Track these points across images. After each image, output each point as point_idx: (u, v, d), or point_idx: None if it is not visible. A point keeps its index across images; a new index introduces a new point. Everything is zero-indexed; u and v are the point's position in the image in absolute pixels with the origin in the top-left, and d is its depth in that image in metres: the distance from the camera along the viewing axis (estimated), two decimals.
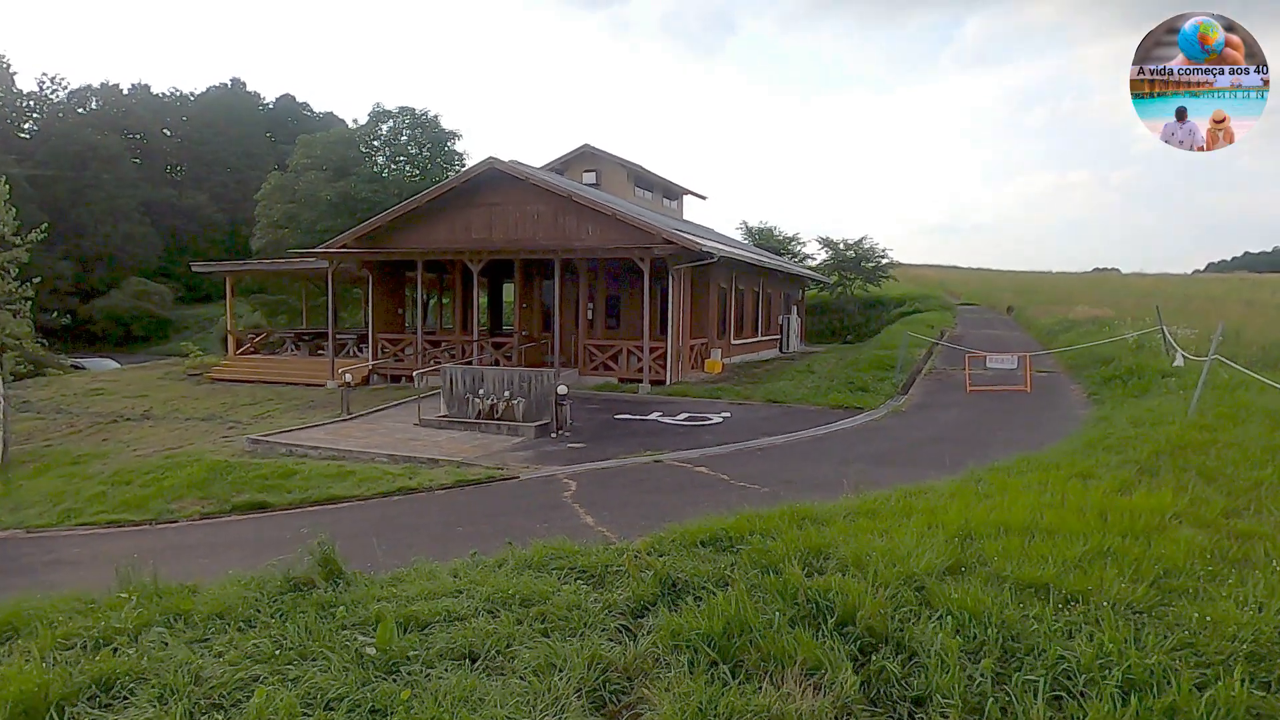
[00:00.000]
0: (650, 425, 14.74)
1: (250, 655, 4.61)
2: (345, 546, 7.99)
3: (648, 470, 10.92)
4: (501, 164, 20.36)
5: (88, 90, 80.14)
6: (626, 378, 19.71)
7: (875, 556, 5.57)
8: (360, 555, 7.45)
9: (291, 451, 12.84)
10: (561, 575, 5.86)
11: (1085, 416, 14.34)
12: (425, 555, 7.01)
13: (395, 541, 7.92)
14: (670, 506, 8.63)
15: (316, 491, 10.48)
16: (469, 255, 19.78)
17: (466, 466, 11.50)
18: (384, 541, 8.01)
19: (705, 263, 19.61)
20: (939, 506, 7.23)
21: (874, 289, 41.93)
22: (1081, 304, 28.52)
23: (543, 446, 13.01)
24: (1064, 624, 4.54)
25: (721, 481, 9.91)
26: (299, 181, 35.49)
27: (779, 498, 8.67)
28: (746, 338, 26.88)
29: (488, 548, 7.02)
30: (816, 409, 16.16)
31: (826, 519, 6.92)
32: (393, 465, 11.85)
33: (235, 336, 25.25)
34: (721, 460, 11.42)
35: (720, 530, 6.44)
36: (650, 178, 26.45)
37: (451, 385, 15.07)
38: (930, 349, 25.49)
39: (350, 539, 8.32)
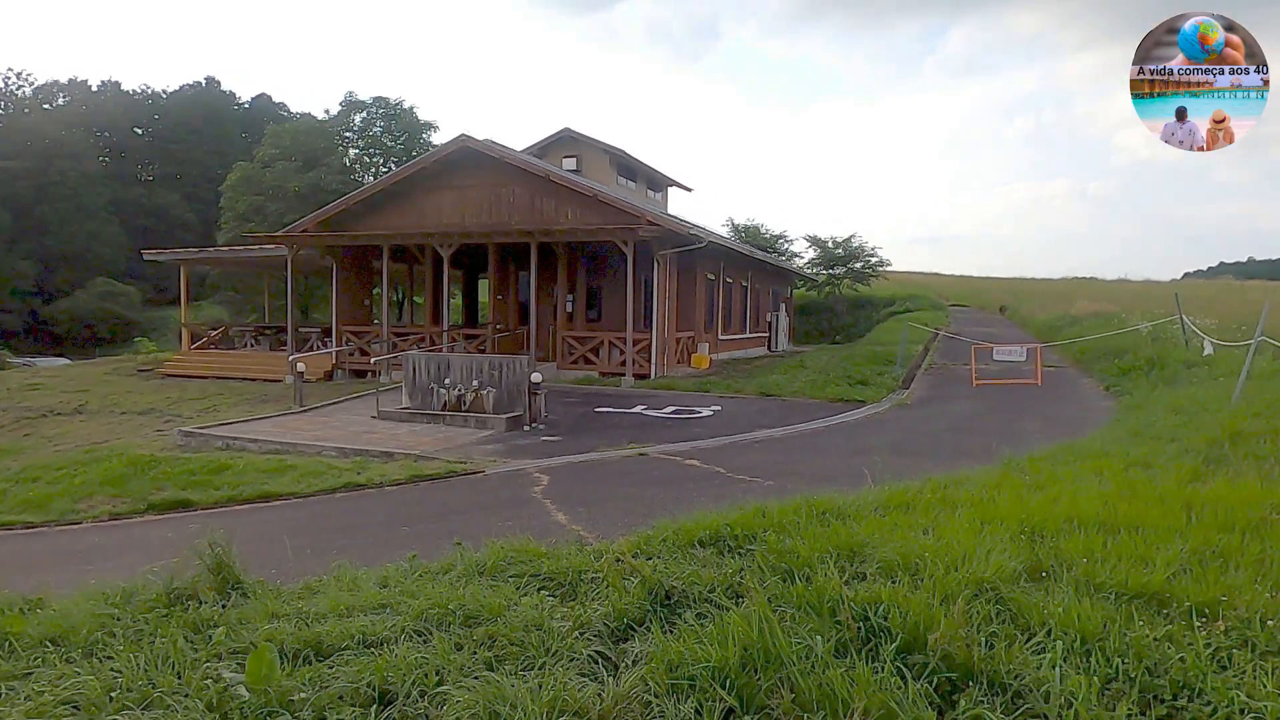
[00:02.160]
0: (634, 418, 13.43)
1: (68, 700, 3.27)
2: (263, 550, 6.62)
3: (632, 464, 9.61)
4: (474, 141, 19.01)
5: (54, 86, 77.90)
6: (608, 372, 18.39)
7: (928, 559, 4.29)
8: (277, 560, 6.10)
9: (228, 445, 11.40)
10: (521, 584, 4.56)
11: (1108, 408, 13.20)
12: (356, 560, 5.68)
13: (325, 544, 6.56)
14: (659, 501, 7.33)
15: (249, 488, 9.09)
16: (438, 239, 18.38)
17: (424, 460, 10.13)
18: (313, 544, 6.65)
19: (692, 248, 18.35)
20: (985, 499, 6.01)
21: (863, 289, 40.90)
22: (1081, 300, 27.53)
23: (514, 440, 11.67)
24: (1212, 649, 3.29)
25: (717, 475, 8.61)
26: (266, 173, 33.88)
27: (787, 491, 7.39)
28: (734, 334, 25.64)
29: (434, 550, 5.72)
30: (815, 402, 14.93)
31: (853, 513, 5.68)
32: (341, 459, 10.46)
33: (190, 330, 23.66)
34: (715, 453, 10.14)
35: (724, 526, 5.17)
36: (634, 165, 25.18)
37: (415, 374, 13.68)
38: (927, 345, 24.39)
39: (272, 541, 6.95)
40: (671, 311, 19.26)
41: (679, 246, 18.46)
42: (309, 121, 38.77)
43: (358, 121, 36.91)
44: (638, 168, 25.46)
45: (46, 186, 65.36)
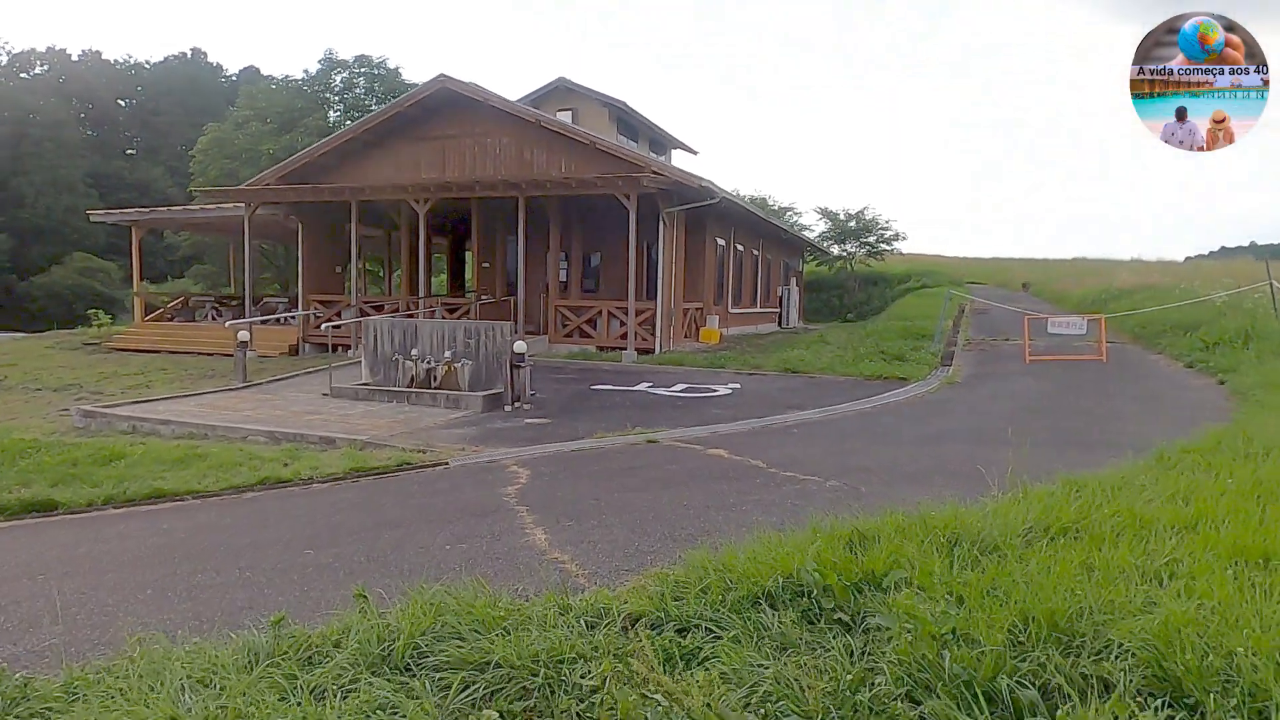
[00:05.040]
0: (638, 397, 11.25)
1: None
2: (99, 585, 4.46)
3: (638, 454, 7.43)
4: (455, 82, 16.66)
5: (32, 54, 74.87)
6: (606, 346, 16.18)
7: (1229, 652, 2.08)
8: (100, 606, 3.97)
9: (135, 427, 9.20)
10: (453, 692, 2.37)
11: (1205, 385, 11.05)
12: (211, 611, 3.54)
13: (185, 579, 4.38)
14: (681, 511, 5.14)
15: (138, 485, 6.90)
16: (413, 193, 16.07)
17: (372, 448, 7.95)
18: (168, 576, 4.46)
19: (704, 204, 16.07)
20: (1187, 518, 3.85)
21: (876, 264, 38.63)
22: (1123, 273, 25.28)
23: (491, 422, 9.48)
24: None
25: (755, 471, 6.42)
26: (239, 135, 31.43)
27: (866, 497, 5.21)
28: (745, 307, 23.41)
29: (336, 593, 3.60)
30: (848, 380, 12.75)
31: (999, 542, 3.53)
32: (270, 446, 8.28)
33: (143, 300, 21.38)
34: (746, 441, 7.95)
35: (805, 566, 3.01)
36: (635, 121, 22.81)
37: (376, 344, 11.46)
38: (956, 320, 22.20)
39: (122, 568, 4.78)
40: (678, 279, 17.03)
41: (688, 203, 16.19)
42: (286, 82, 36.15)
43: (338, 82, 34.36)
44: (639, 123, 23.10)
45: (22, 158, 62.63)
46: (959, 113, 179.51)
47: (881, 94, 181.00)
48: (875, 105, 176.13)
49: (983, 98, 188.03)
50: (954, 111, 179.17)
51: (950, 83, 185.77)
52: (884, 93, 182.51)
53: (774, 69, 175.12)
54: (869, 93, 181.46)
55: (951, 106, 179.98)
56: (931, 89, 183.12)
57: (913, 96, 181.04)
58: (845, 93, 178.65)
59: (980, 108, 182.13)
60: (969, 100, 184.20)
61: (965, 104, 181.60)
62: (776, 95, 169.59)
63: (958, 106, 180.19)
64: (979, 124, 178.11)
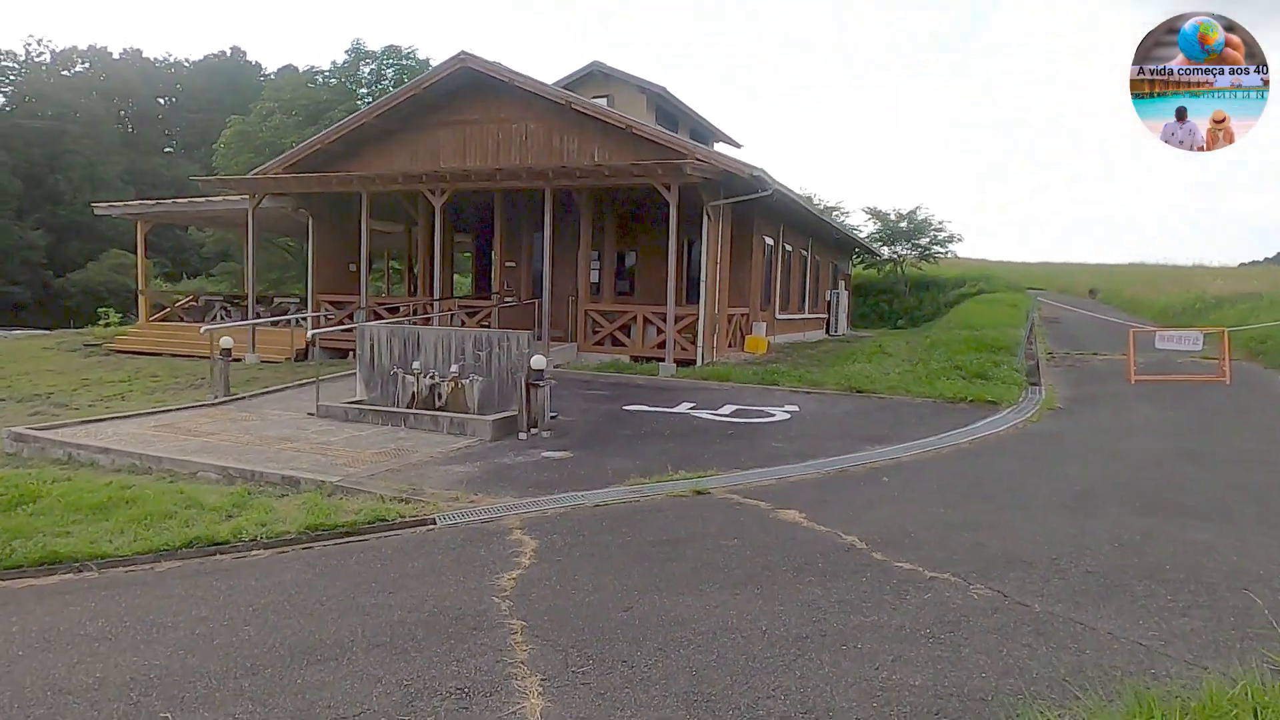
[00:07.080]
0: (678, 422, 9.43)
1: None
2: None
3: (684, 515, 5.60)
4: (477, 61, 14.97)
5: (74, 52, 75.26)
6: (641, 355, 14.38)
7: None
8: None
9: (71, 456, 7.60)
10: None
11: None
12: None
13: None
14: (760, 653, 3.28)
15: (33, 542, 5.27)
16: (428, 184, 14.43)
17: (343, 493, 6.23)
18: None
19: (756, 196, 14.17)
20: None
21: (928, 268, 36.32)
22: (1216, 280, 22.85)
23: (501, 455, 7.72)
24: None
25: (852, 555, 4.55)
26: (263, 127, 30.25)
27: (1047, 626, 3.29)
28: (792, 313, 21.44)
29: None
30: (925, 402, 10.79)
31: None
32: (221, 485, 6.62)
33: (149, 299, 20.08)
34: (823, 495, 6.08)
35: None
36: (675, 109, 20.97)
37: (373, 355, 9.79)
38: (1028, 332, 20.03)
39: None
40: (723, 282, 15.17)
41: (736, 195, 14.32)
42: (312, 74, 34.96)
43: (366, 73, 33.08)
44: (680, 113, 21.23)
45: (60, 155, 62.82)
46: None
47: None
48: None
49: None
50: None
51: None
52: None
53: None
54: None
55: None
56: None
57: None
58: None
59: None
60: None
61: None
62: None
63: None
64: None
